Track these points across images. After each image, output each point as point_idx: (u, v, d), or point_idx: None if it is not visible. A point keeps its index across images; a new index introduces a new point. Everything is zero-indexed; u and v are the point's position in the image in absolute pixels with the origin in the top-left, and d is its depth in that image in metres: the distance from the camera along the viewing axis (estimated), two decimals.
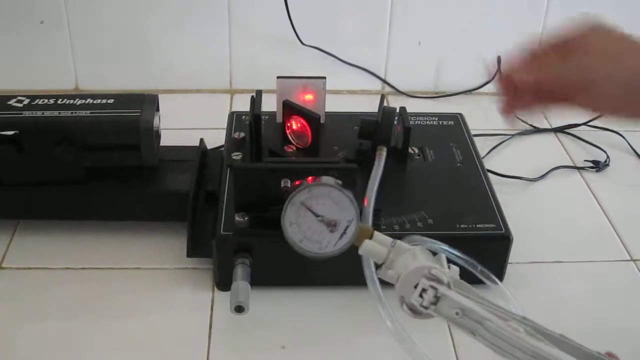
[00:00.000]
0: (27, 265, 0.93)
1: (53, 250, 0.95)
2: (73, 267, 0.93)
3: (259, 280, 0.85)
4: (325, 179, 0.78)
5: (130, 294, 0.90)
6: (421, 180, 0.97)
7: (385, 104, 1.00)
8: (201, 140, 1.03)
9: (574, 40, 0.75)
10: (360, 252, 0.75)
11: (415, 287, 0.69)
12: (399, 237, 0.82)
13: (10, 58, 1.28)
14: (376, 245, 0.74)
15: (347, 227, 0.77)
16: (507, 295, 0.83)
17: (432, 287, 0.68)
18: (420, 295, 0.69)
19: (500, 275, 0.89)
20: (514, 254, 0.90)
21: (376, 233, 0.76)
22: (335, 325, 0.79)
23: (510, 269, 0.91)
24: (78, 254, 0.95)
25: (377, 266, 0.75)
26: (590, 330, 0.87)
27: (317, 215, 0.77)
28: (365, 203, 0.87)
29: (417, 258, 0.71)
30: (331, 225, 0.77)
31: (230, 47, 1.29)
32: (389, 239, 0.75)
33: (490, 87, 1.34)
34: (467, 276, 0.84)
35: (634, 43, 0.73)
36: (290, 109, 0.98)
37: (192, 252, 0.91)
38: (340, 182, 0.78)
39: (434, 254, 0.73)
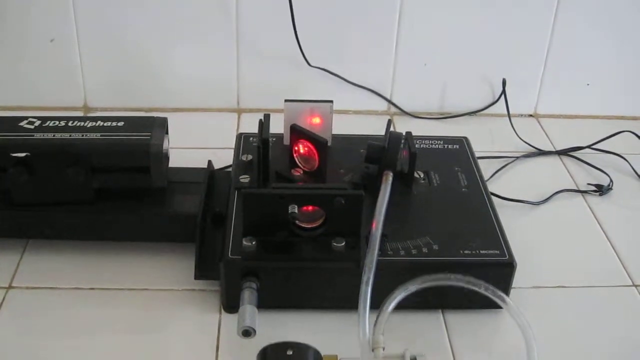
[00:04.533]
0: (36, 285, 0.94)
1: (62, 271, 0.96)
2: (81, 287, 0.94)
3: (266, 303, 0.86)
4: None
5: (138, 315, 0.90)
6: (426, 205, 0.98)
7: (392, 127, 1.01)
8: (209, 162, 1.04)
9: None
10: None
11: None
12: (405, 265, 0.84)
13: (20, 75, 1.29)
14: None
15: None
16: (515, 311, 0.84)
17: None
18: None
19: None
20: (517, 279, 0.91)
21: None
22: (342, 348, 0.80)
23: (513, 293, 0.92)
24: (87, 274, 0.96)
25: None
26: (592, 355, 0.88)
27: None
28: (374, 227, 0.88)
29: None
30: None
31: (238, 66, 1.30)
32: None
33: (495, 109, 1.35)
34: (472, 300, 0.86)
35: None
36: (297, 133, 0.99)
37: (199, 274, 0.92)
38: None
39: None
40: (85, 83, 1.31)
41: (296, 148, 1.00)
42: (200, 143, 1.20)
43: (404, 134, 1.00)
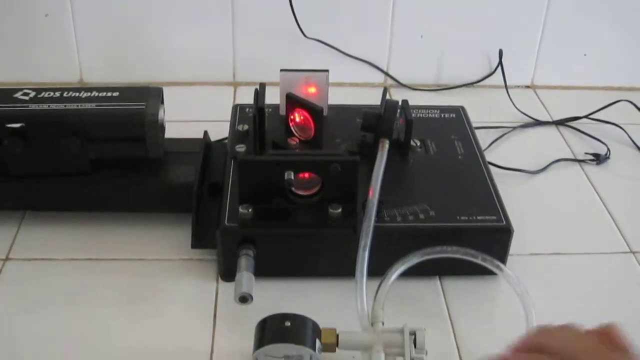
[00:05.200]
0: (33, 256, 0.94)
1: (59, 242, 0.96)
2: (78, 258, 0.94)
3: (263, 271, 0.86)
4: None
5: (135, 285, 0.90)
6: (423, 173, 0.98)
7: (387, 97, 1.01)
8: (205, 132, 1.04)
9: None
10: None
11: None
12: (402, 230, 0.84)
13: (15, 51, 1.29)
14: None
15: (311, 356, 0.77)
16: (513, 279, 0.84)
17: None
18: None
19: None
20: (514, 246, 0.91)
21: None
22: (338, 316, 0.80)
23: (510, 261, 0.92)
24: (84, 245, 0.96)
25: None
26: (589, 322, 0.88)
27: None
28: (370, 194, 0.88)
29: None
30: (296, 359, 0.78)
31: (233, 39, 1.30)
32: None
33: (492, 80, 1.35)
34: (469, 267, 0.86)
35: None
36: (293, 101, 0.99)
37: (196, 243, 0.92)
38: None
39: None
40: (80, 58, 1.30)
41: (292, 117, 1.00)
42: (196, 117, 1.20)
43: (400, 102, 1.00)
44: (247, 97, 1.08)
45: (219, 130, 1.10)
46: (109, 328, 0.85)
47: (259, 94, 0.98)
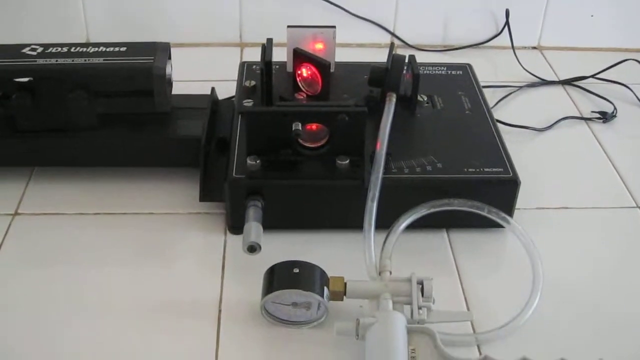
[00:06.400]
0: (42, 211, 0.95)
1: (67, 197, 0.97)
2: (87, 213, 0.94)
3: (270, 223, 0.87)
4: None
5: (144, 238, 0.91)
6: (430, 127, 0.98)
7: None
8: (212, 88, 1.04)
9: None
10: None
11: None
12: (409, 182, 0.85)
13: (21, 11, 1.28)
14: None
15: (319, 303, 0.78)
16: (519, 231, 0.84)
17: None
18: None
19: None
20: (521, 200, 0.91)
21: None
22: (345, 267, 0.80)
23: (517, 214, 0.92)
24: (92, 200, 0.96)
25: None
26: (594, 274, 0.88)
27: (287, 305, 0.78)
28: (378, 146, 0.88)
29: None
30: (304, 306, 0.78)
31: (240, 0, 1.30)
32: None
33: (499, 41, 1.35)
34: (476, 220, 0.86)
35: None
36: (300, 56, 0.99)
37: (204, 196, 0.92)
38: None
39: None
40: (87, 18, 1.30)
41: (299, 72, 1.00)
42: (203, 77, 1.20)
43: (407, 57, 1.00)
44: (254, 57, 1.08)
45: (226, 89, 1.10)
46: (118, 281, 0.85)
47: (267, 48, 0.98)
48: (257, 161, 0.87)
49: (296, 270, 0.78)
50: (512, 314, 0.79)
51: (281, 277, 0.78)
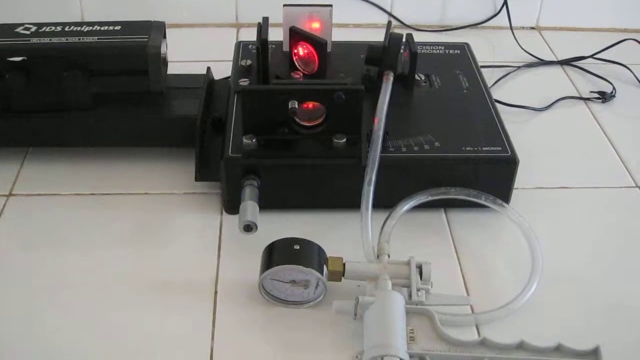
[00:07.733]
0: (37, 191, 0.94)
1: (62, 177, 0.96)
2: (82, 193, 0.94)
3: (266, 203, 0.86)
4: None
5: (140, 218, 0.90)
6: (428, 106, 0.97)
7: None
8: (208, 68, 1.03)
9: None
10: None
11: None
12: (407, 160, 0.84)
13: None
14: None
15: (318, 281, 0.77)
16: (517, 217, 0.84)
17: None
18: None
19: (506, 199, 0.90)
20: (520, 180, 0.91)
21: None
22: (343, 248, 0.80)
23: (515, 194, 0.92)
24: (87, 180, 0.96)
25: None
26: (592, 254, 0.88)
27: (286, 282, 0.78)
28: (375, 124, 0.87)
29: None
30: (302, 285, 0.78)
31: None
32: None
33: (497, 21, 1.34)
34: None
35: None
36: (296, 35, 0.98)
37: (200, 176, 0.92)
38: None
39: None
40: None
41: (295, 51, 0.99)
42: (199, 57, 1.19)
43: (404, 35, 0.99)
44: (250, 38, 1.07)
45: (222, 70, 1.09)
46: (114, 261, 0.84)
47: (262, 27, 0.97)
48: (253, 140, 0.86)
49: (296, 247, 0.77)
50: (511, 294, 0.79)
51: (281, 253, 0.77)
